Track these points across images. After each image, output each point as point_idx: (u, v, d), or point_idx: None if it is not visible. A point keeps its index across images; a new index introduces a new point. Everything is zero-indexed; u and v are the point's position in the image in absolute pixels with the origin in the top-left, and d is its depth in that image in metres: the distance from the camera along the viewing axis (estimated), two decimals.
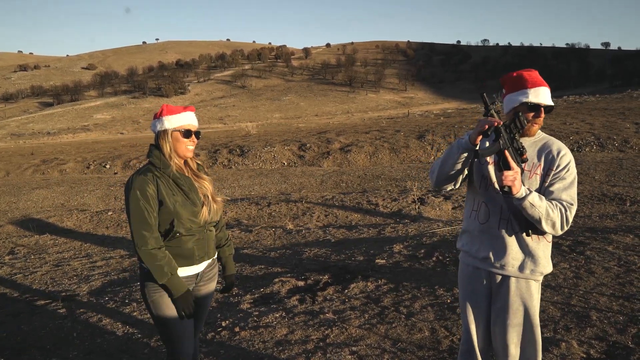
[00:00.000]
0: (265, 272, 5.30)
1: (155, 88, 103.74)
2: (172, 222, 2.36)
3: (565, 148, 2.20)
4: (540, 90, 2.17)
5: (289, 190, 12.18)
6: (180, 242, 2.39)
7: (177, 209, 2.35)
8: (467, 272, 2.36)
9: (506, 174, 2.00)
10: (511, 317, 2.22)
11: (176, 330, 2.42)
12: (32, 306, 4.74)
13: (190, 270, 2.46)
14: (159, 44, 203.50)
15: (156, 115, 2.45)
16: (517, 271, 2.20)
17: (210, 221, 2.51)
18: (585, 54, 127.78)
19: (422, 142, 18.02)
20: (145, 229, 2.30)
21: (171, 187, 2.37)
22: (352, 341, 3.47)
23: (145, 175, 2.34)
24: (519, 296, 2.21)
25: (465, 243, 2.37)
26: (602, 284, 4.10)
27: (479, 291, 2.31)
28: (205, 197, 2.48)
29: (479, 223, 2.28)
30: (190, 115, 2.48)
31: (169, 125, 2.40)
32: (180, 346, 2.44)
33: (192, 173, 2.50)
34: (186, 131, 2.43)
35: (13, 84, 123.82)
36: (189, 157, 2.49)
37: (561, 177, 2.14)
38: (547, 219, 2.06)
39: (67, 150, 28.80)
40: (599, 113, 20.53)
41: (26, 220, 10.09)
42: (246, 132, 28.30)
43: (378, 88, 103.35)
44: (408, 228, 7.08)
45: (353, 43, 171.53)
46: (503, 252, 2.20)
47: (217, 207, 2.54)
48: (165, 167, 2.39)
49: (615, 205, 7.86)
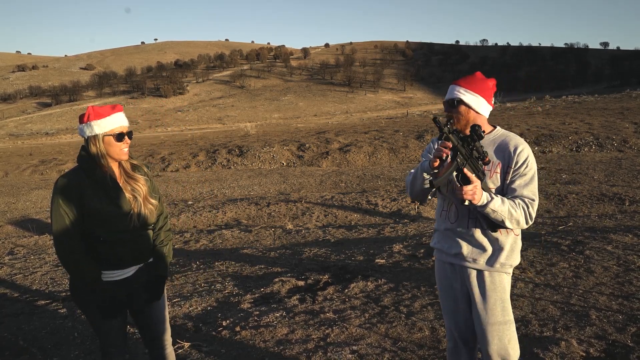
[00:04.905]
0: (265, 272, 5.31)
1: (153, 88, 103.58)
2: (97, 226, 2.31)
3: (523, 143, 2.26)
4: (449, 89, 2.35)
5: (288, 190, 12.19)
6: (106, 247, 2.34)
7: (102, 213, 2.30)
8: (442, 269, 2.45)
9: (465, 190, 2.07)
10: (488, 310, 2.29)
11: (101, 330, 2.43)
12: (33, 306, 4.74)
13: (118, 274, 2.40)
14: (157, 44, 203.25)
15: (83, 120, 2.33)
16: (488, 265, 2.28)
17: (145, 224, 2.44)
18: (584, 54, 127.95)
19: (421, 142, 18.04)
20: (65, 233, 2.26)
21: (96, 192, 2.30)
22: (353, 340, 3.47)
23: (69, 180, 2.29)
24: (494, 290, 2.29)
25: (438, 241, 2.45)
26: (602, 283, 4.12)
27: (455, 287, 2.40)
28: (135, 200, 2.40)
29: (449, 222, 2.36)
30: (120, 116, 2.37)
31: (99, 130, 2.30)
32: (107, 343, 2.45)
33: (125, 175, 2.43)
34: (118, 134, 2.34)
35: (11, 84, 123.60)
36: (124, 159, 2.41)
37: (521, 174, 2.20)
38: (511, 219, 2.16)
39: (65, 150, 28.78)
40: (597, 113, 20.57)
41: (25, 220, 10.08)
42: (245, 133, 28.32)
43: (377, 88, 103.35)
44: (407, 228, 7.09)
45: (352, 43, 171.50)
46: (474, 247, 2.29)
47: (149, 210, 2.45)
48: (92, 170, 2.32)
49: (614, 205, 7.88)
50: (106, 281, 2.38)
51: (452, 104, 2.30)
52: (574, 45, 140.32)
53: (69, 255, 2.29)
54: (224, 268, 5.57)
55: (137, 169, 2.50)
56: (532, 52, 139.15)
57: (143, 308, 2.53)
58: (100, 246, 2.34)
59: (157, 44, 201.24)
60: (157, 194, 2.57)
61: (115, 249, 2.36)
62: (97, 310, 2.38)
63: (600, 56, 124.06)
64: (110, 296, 2.37)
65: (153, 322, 2.58)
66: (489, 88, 2.32)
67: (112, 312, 2.39)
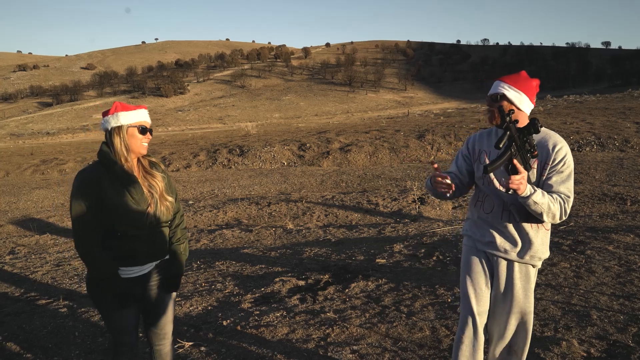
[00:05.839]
0: (265, 271, 5.30)
1: (154, 88, 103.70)
2: (115, 222, 2.33)
3: (562, 142, 2.31)
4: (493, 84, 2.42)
5: (289, 190, 12.18)
6: (124, 243, 2.37)
7: (120, 209, 2.33)
8: (470, 254, 2.51)
9: (513, 179, 2.10)
10: (511, 300, 2.40)
11: (116, 325, 2.44)
12: (33, 306, 4.74)
13: (135, 270, 2.43)
14: (158, 43, 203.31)
15: (109, 112, 2.41)
16: (518, 257, 2.37)
17: (161, 221, 2.47)
18: (585, 54, 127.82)
19: (422, 142, 18.03)
20: (84, 227, 2.29)
21: (116, 186, 2.33)
22: (353, 340, 3.47)
23: (89, 174, 2.33)
24: (520, 280, 2.39)
25: (469, 228, 2.54)
26: (603, 283, 4.11)
27: (481, 271, 2.46)
28: (153, 196, 2.44)
29: (484, 212, 2.45)
30: (144, 112, 2.48)
31: (124, 121, 2.38)
32: (121, 340, 2.47)
33: (143, 171, 2.47)
34: (142, 127, 2.42)
35: (12, 84, 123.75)
36: (143, 154, 2.47)
37: (558, 171, 2.28)
38: (549, 213, 2.23)
39: (66, 150, 28.81)
40: (599, 113, 20.55)
41: (26, 220, 10.09)
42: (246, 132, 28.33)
43: (378, 88, 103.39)
44: (408, 228, 7.09)
45: (353, 42, 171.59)
46: (506, 239, 2.38)
47: (165, 206, 2.49)
48: (113, 165, 2.36)
49: (615, 205, 7.87)
50: (123, 278, 2.41)
51: (495, 99, 2.35)
52: (576, 45, 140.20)
53: (87, 249, 2.31)
54: (225, 268, 5.57)
55: (155, 165, 2.54)
56: (533, 51, 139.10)
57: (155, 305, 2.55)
58: (118, 242, 2.36)
59: (158, 44, 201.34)
60: (173, 192, 2.60)
61: (132, 244, 2.38)
62: (112, 303, 2.37)
63: (602, 56, 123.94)
64: (127, 287, 2.39)
65: (159, 317, 2.61)
66: (532, 87, 2.39)
67: (129, 302, 2.39)
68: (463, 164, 2.55)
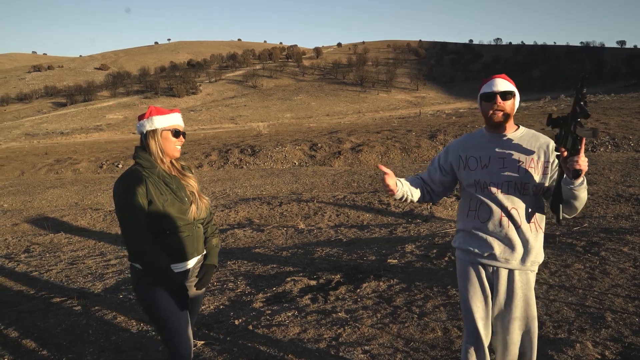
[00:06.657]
0: (277, 271, 5.32)
1: (167, 88, 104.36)
2: (161, 220, 2.39)
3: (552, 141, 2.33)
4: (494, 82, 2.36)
5: (300, 190, 12.20)
6: (170, 240, 2.43)
7: (166, 208, 2.40)
8: (466, 269, 2.41)
9: (581, 160, 2.02)
10: (514, 309, 2.33)
11: (173, 326, 2.45)
12: (48, 303, 4.80)
13: (181, 266, 2.49)
14: (170, 44, 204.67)
15: (144, 116, 2.48)
16: (520, 264, 2.31)
17: (198, 218, 2.56)
18: (600, 53, 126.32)
19: (434, 142, 17.95)
20: (136, 229, 2.34)
21: (159, 187, 2.41)
22: (365, 340, 3.47)
23: (133, 177, 2.38)
24: (521, 288, 2.33)
25: (463, 241, 2.42)
26: (617, 285, 4.06)
27: (482, 287, 2.38)
28: (192, 194, 2.53)
29: (479, 222, 2.35)
30: (177, 116, 2.55)
31: (159, 125, 2.45)
32: (179, 341, 2.47)
33: (178, 172, 2.55)
34: (175, 131, 2.50)
35: (27, 84, 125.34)
36: (176, 157, 2.55)
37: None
38: (583, 202, 2.18)
39: (80, 150, 29.13)
40: (614, 112, 20.29)
41: (41, 219, 10.21)
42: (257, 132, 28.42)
43: (389, 87, 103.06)
44: (420, 228, 7.06)
45: (364, 42, 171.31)
46: (506, 247, 2.30)
47: (204, 205, 2.59)
48: (153, 167, 2.44)
49: (630, 206, 7.77)
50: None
51: (506, 96, 2.35)
52: (590, 44, 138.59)
53: (144, 247, 2.35)
54: (237, 267, 5.59)
55: (185, 168, 2.64)
56: (547, 51, 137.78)
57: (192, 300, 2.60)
58: (165, 239, 2.42)
59: (170, 44, 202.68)
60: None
61: (179, 241, 2.45)
62: (169, 304, 2.40)
63: (617, 55, 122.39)
64: (181, 283, 2.43)
65: (196, 309, 2.69)
66: None
67: (187, 300, 2.44)
68: (436, 173, 2.52)
